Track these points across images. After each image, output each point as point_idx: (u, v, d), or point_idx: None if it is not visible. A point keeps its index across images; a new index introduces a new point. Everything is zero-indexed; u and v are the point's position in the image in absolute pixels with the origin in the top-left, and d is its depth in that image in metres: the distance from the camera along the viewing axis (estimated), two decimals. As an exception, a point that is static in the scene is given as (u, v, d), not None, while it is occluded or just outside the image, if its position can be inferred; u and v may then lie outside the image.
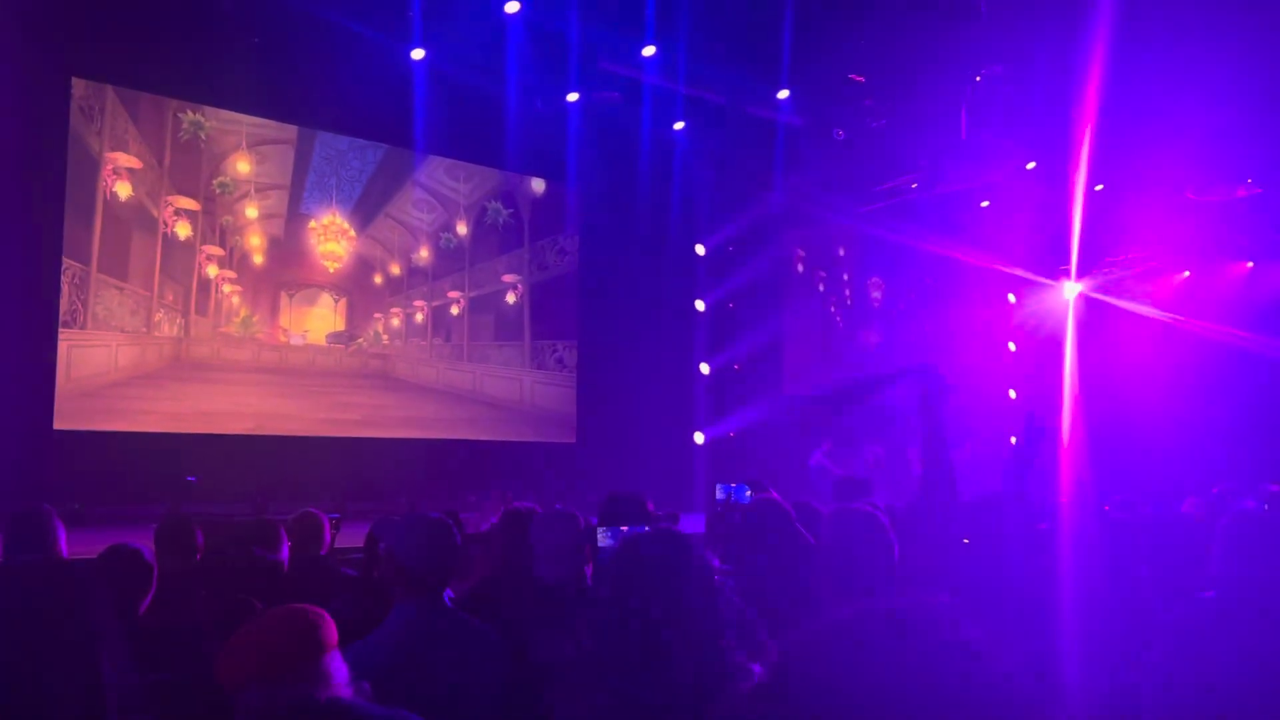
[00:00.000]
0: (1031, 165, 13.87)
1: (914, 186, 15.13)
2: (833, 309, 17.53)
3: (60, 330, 10.45)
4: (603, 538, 3.58)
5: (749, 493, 5.82)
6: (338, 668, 1.97)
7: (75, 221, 10.65)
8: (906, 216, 15.28)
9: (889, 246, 16.03)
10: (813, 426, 13.96)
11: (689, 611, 1.83)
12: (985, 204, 15.38)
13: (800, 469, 12.95)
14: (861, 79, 12.94)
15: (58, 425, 10.30)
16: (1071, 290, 14.42)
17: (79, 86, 10.77)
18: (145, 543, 3.82)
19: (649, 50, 12.23)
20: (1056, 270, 14.60)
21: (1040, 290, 15.21)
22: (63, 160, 10.56)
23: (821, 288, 17.42)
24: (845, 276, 17.72)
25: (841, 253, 17.64)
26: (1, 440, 9.17)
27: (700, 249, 15.58)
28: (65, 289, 10.54)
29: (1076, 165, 11.67)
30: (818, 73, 12.64)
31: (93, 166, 10.84)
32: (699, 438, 14.61)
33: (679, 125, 14.20)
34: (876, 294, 17.95)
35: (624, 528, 3.48)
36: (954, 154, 13.86)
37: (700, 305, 15.53)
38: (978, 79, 12.45)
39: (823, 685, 0.89)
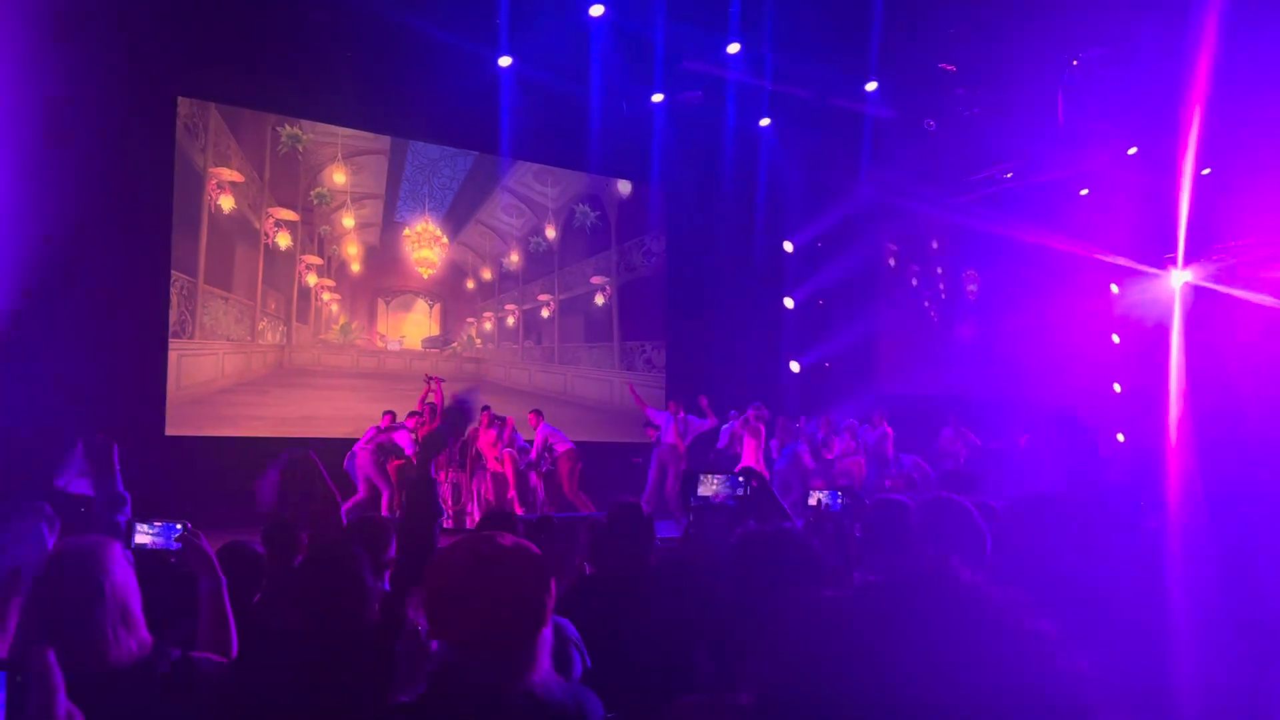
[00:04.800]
0: (1133, 150, 13.36)
1: (1009, 176, 14.73)
2: (927, 304, 17.18)
3: (170, 340, 10.92)
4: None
5: (840, 498, 5.71)
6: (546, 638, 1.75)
7: (182, 235, 11.12)
8: (1002, 207, 14.89)
9: (984, 238, 15.64)
10: (907, 426, 13.68)
11: None
12: (1084, 192, 14.88)
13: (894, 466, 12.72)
14: (952, 68, 12.65)
15: (169, 431, 10.75)
16: (1178, 278, 13.83)
17: (184, 105, 11.23)
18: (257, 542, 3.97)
19: (734, 47, 12.17)
20: (1162, 258, 14.02)
21: (1145, 279, 14.63)
22: (170, 177, 11.04)
23: (915, 282, 17.08)
24: (939, 270, 17.35)
25: (935, 246, 17.28)
26: (120, 446, 9.59)
27: (789, 246, 15.43)
28: (174, 300, 11.01)
29: (1183, 149, 11.19)
30: (907, 63, 12.40)
31: (198, 182, 11.29)
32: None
33: (765, 121, 14.09)
34: (972, 287, 17.52)
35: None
36: (1050, 141, 13.45)
37: (789, 303, 15.38)
38: (1074, 63, 12.05)
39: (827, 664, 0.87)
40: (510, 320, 13.74)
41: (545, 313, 14.01)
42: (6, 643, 2.37)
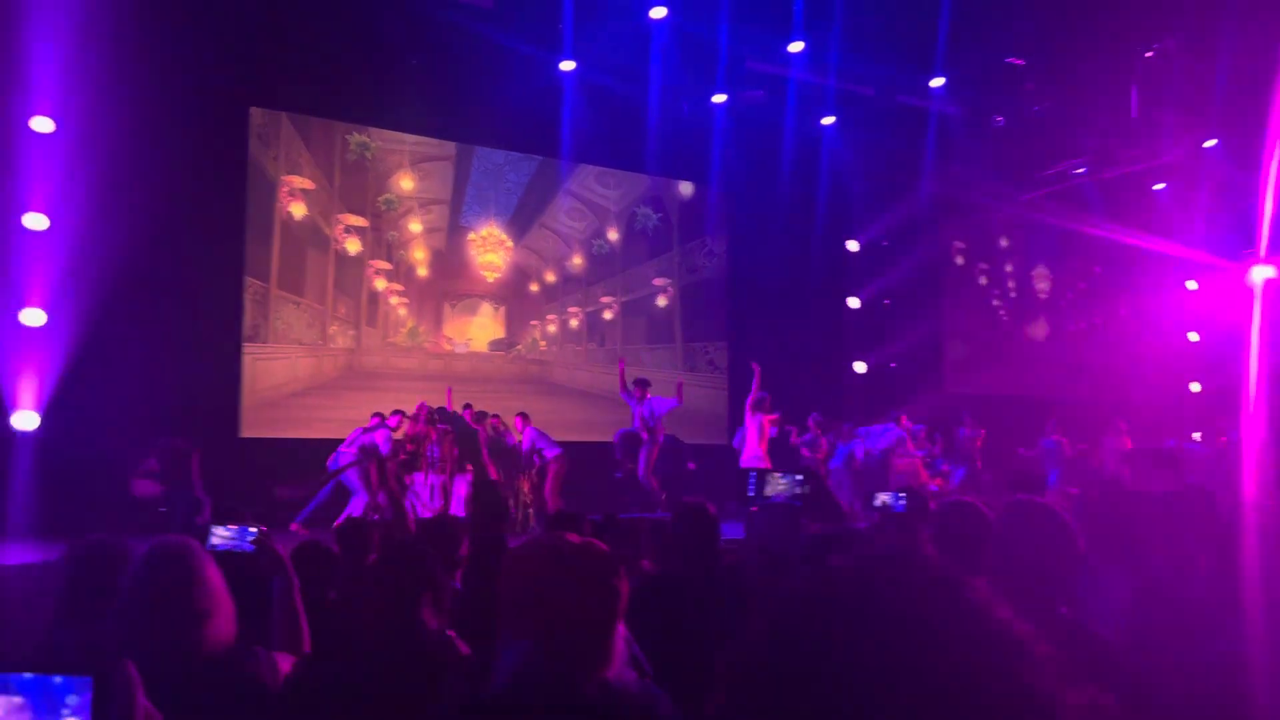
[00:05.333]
0: (1211, 143, 12.97)
1: (1080, 171, 14.40)
2: (996, 302, 16.88)
3: (244, 344, 11.21)
4: None
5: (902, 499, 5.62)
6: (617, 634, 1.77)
7: (255, 241, 11.40)
8: (1073, 203, 14.57)
9: (1055, 235, 15.32)
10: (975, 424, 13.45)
11: None
12: (1159, 186, 14.48)
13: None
14: (1021, 62, 12.42)
15: (244, 434, 11.03)
16: (1260, 274, 13.38)
17: (257, 115, 11.52)
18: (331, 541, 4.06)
19: (796, 46, 12.10)
20: (1242, 254, 13.59)
21: (1223, 276, 14.20)
22: (243, 185, 11.34)
23: (983, 280, 16.80)
24: (1008, 268, 17.04)
25: (1004, 243, 16.97)
26: (196, 448, 9.87)
27: (853, 245, 15.28)
28: (248, 305, 11.29)
29: (1271, 140, 10.82)
30: (974, 58, 12.22)
31: (270, 189, 11.58)
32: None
33: (828, 120, 13.98)
34: (1042, 285, 17.18)
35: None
36: (1124, 135, 13.13)
37: (854, 302, 15.23)
38: (1148, 54, 11.74)
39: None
40: (573, 322, 13.83)
41: (608, 315, 14.08)
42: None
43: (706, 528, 3.70)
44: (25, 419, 9.39)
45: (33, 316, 9.45)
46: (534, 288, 13.52)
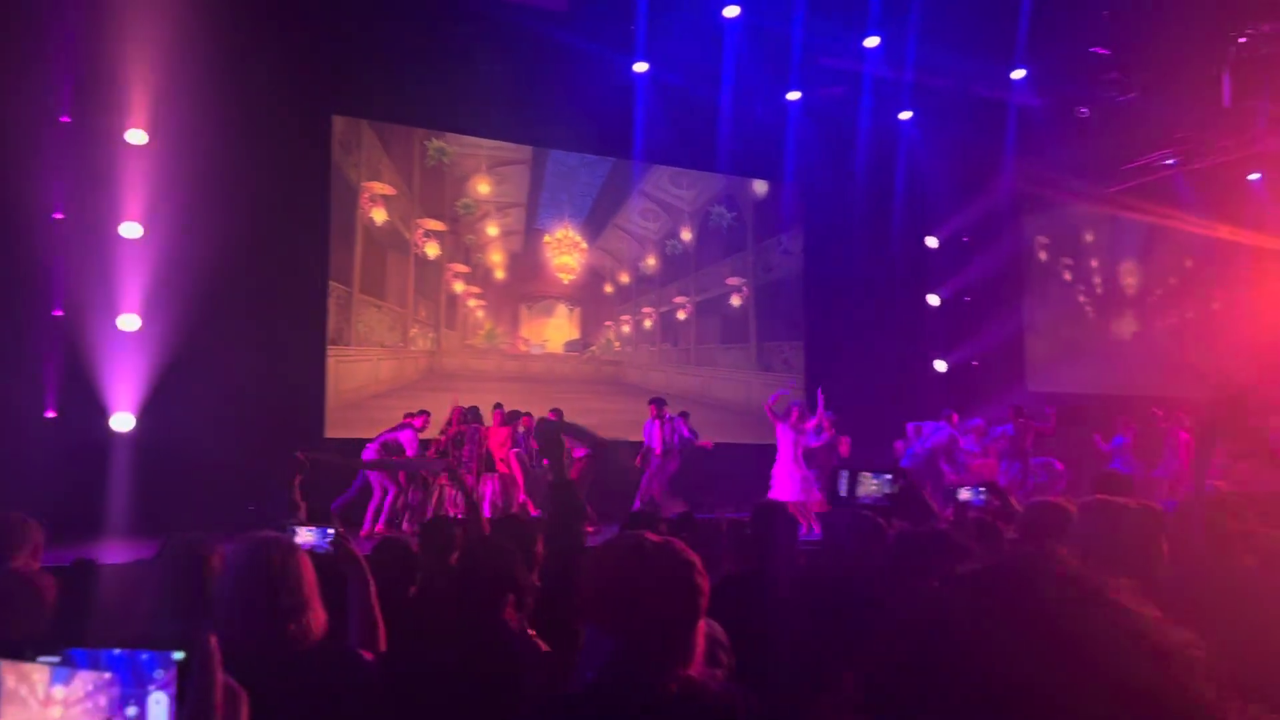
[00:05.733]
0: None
1: (1170, 162, 13.93)
2: (1081, 299, 16.44)
3: (328, 347, 11.50)
4: None
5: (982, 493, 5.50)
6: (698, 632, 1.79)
7: (338, 247, 11.70)
8: (1162, 196, 14.10)
9: (1143, 229, 14.84)
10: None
11: None
12: (1254, 176, 13.94)
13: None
14: (1106, 51, 12.07)
15: (329, 434, 11.31)
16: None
17: (339, 123, 11.81)
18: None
19: (872, 41, 11.95)
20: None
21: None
22: (327, 191, 11.64)
23: (1067, 276, 16.37)
24: (1094, 263, 16.57)
25: (1089, 238, 16.52)
26: (282, 449, 10.15)
27: (931, 241, 15.03)
28: (332, 309, 11.59)
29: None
30: (1056, 48, 11.91)
31: (352, 195, 11.86)
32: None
33: (905, 115, 13.78)
34: (1130, 281, 16.66)
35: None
36: (1215, 124, 12.66)
37: (933, 300, 14.97)
38: (1241, 40, 11.30)
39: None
40: (647, 323, 13.86)
41: (681, 315, 14.08)
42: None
43: (785, 527, 3.71)
44: (122, 420, 9.78)
45: (129, 322, 9.84)
46: (608, 289, 13.60)
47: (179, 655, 1.13)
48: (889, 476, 3.75)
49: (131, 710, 1.12)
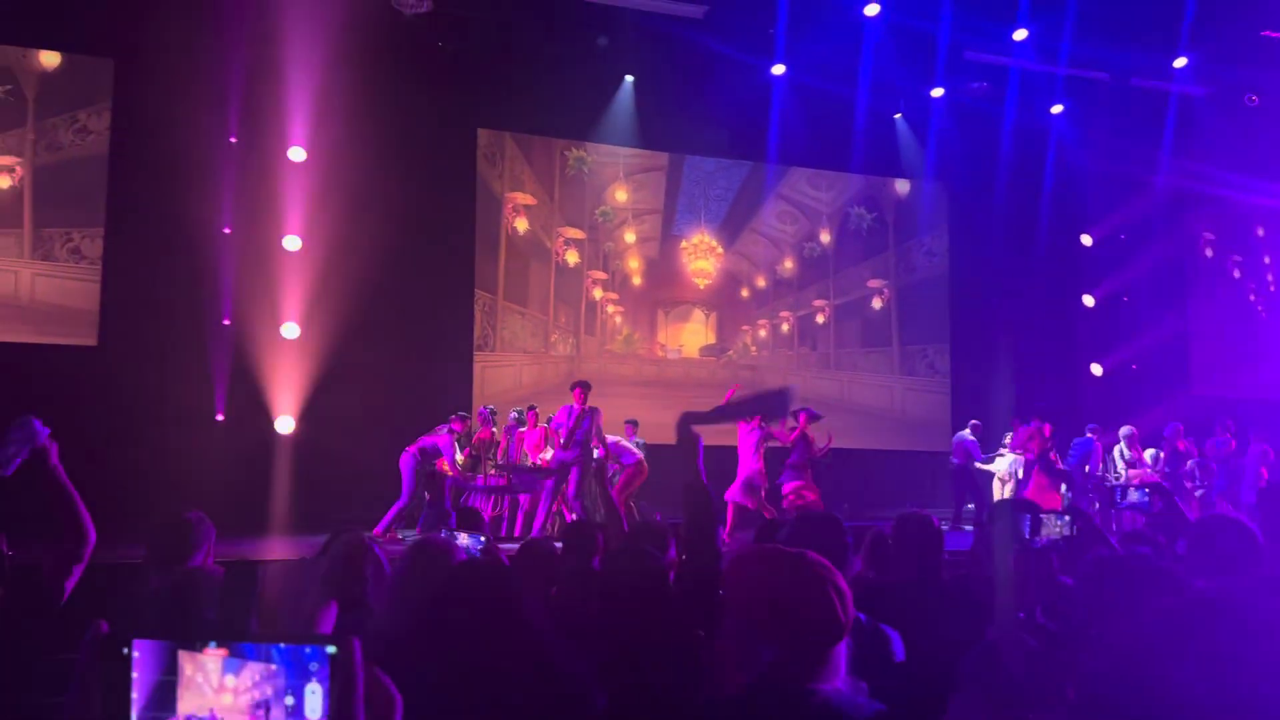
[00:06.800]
0: None
1: (1353, 150, 12.91)
2: (1252, 297, 15.39)
3: (475, 353, 11.88)
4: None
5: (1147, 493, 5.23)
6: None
7: (484, 256, 12.09)
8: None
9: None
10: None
11: None
12: None
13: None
14: (1278, 34, 11.28)
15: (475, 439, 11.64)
16: None
17: (483, 136, 12.21)
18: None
19: (1021, 34, 11.52)
20: None
21: None
22: (472, 203, 12.05)
23: (1236, 274, 15.36)
24: (1266, 260, 15.49)
25: (1260, 233, 15.45)
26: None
27: (1086, 239, 14.35)
28: (478, 316, 11.98)
29: None
30: (1223, 34, 11.20)
31: (496, 206, 12.23)
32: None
33: (1057, 109, 13.22)
34: (1309, 278, 15.50)
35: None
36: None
37: (1089, 300, 14.29)
38: None
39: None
40: (785, 327, 13.73)
41: (820, 318, 13.89)
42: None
43: (928, 538, 3.62)
44: (284, 423, 10.34)
45: (290, 330, 10.41)
46: (744, 293, 13.54)
47: (333, 650, 1.20)
48: (1067, 518, 3.66)
49: (289, 700, 1.20)
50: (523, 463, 9.84)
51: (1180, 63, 11.93)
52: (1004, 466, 11.49)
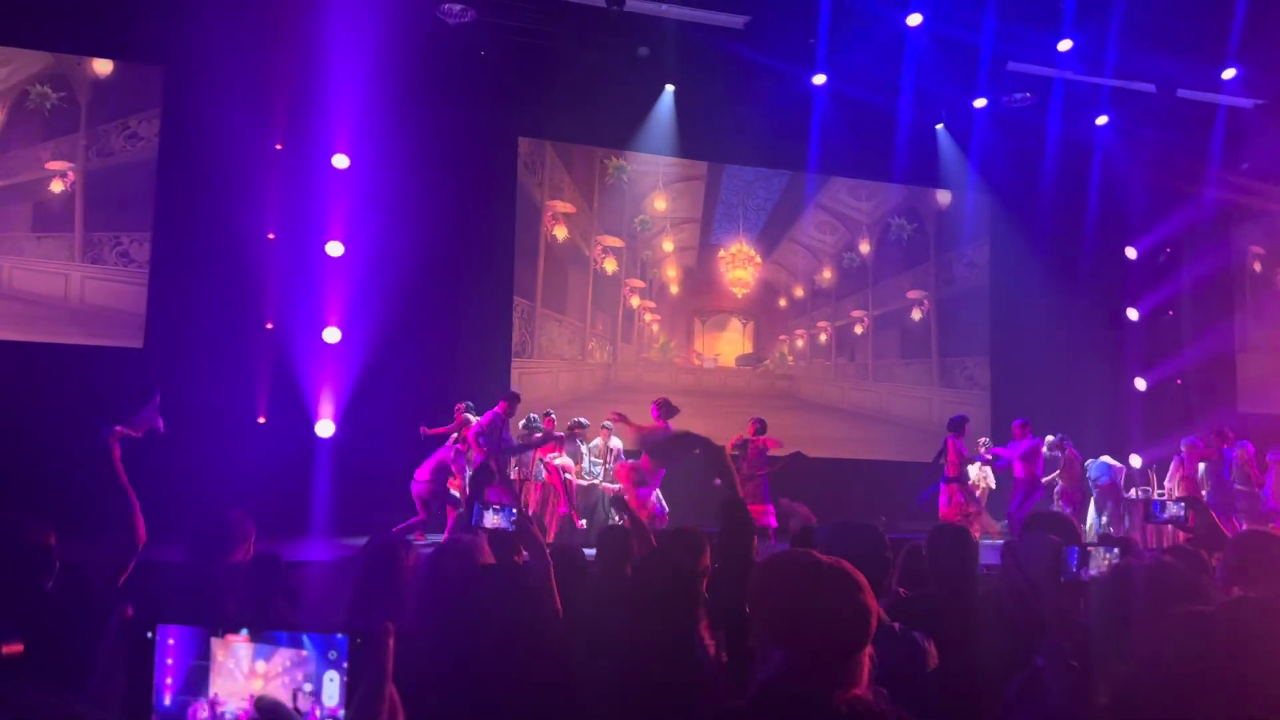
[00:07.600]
0: None
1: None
2: (1303, 313, 15.08)
3: (513, 359, 11.95)
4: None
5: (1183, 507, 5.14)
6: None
7: (523, 263, 12.19)
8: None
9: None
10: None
11: None
12: None
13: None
14: (1332, 43, 11.07)
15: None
16: None
17: (524, 144, 12.31)
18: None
19: (1065, 44, 11.40)
20: None
21: None
22: (512, 210, 12.15)
23: (1286, 289, 15.06)
24: (1318, 275, 15.17)
25: (1312, 247, 15.15)
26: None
27: (1131, 252, 14.14)
28: (516, 323, 12.07)
29: None
30: (1271, 44, 11.00)
31: (535, 214, 12.32)
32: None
33: (1101, 120, 13.06)
34: (1362, 293, 15.15)
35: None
36: None
37: (1133, 314, 14.07)
38: None
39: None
40: (822, 337, 13.67)
41: (859, 329, 13.81)
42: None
43: (963, 552, 3.57)
44: (324, 427, 10.47)
45: (331, 334, 10.55)
46: (782, 303, 13.51)
47: (355, 639, 1.23)
48: (1116, 549, 3.63)
49: (308, 686, 1.24)
50: (537, 467, 9.90)
51: (1229, 74, 11.73)
52: (974, 473, 11.43)
